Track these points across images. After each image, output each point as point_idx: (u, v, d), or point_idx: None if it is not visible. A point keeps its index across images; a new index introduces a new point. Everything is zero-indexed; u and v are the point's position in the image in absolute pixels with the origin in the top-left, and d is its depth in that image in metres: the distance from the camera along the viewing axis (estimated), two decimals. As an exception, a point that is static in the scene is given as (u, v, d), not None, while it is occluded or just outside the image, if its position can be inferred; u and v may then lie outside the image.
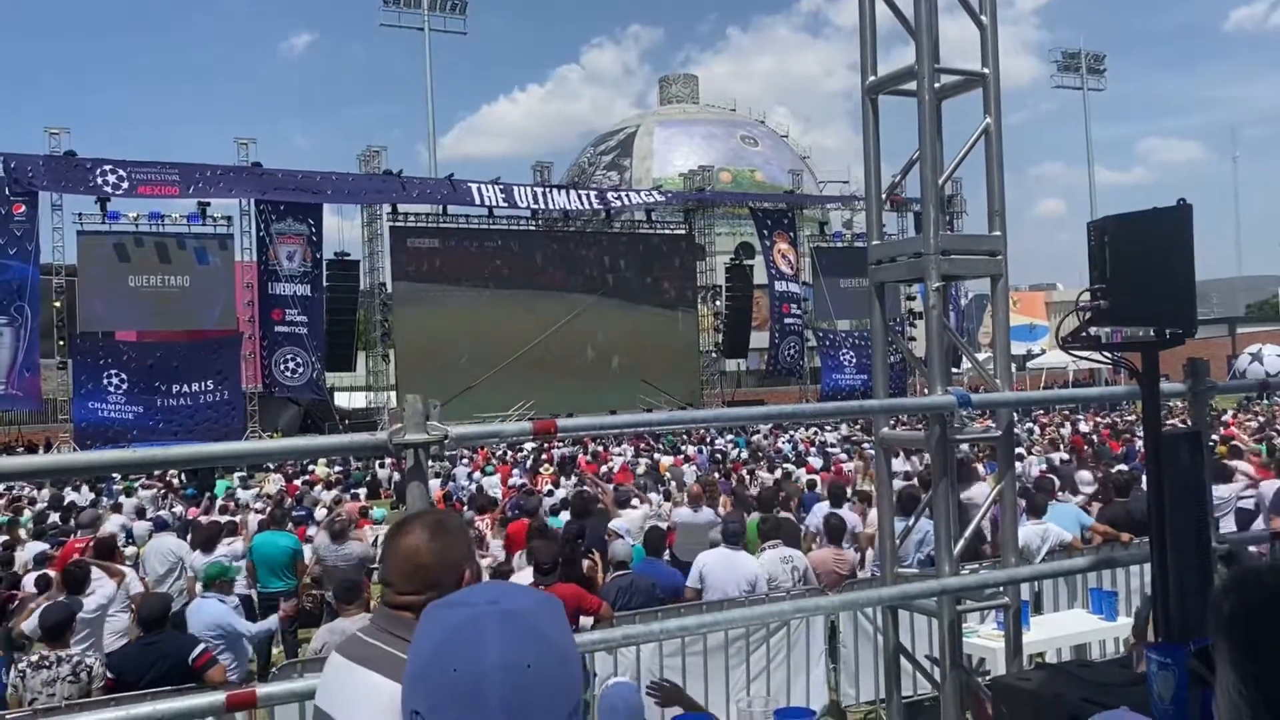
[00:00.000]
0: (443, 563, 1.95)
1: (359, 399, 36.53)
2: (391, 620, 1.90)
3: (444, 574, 1.94)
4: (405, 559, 1.96)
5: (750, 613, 3.65)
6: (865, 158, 3.58)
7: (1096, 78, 57.44)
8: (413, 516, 2.08)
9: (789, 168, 50.48)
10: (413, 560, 1.95)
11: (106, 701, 5.61)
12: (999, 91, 3.35)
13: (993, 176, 3.38)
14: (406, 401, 2.38)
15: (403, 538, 1.99)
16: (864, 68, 3.56)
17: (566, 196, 36.02)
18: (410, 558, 1.95)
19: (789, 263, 38.72)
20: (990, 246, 3.35)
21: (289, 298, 30.41)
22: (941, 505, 3.39)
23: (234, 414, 29.64)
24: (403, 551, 1.97)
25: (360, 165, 32.68)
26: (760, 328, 40.92)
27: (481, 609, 1.24)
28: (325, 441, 3.80)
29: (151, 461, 3.30)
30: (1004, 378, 3.49)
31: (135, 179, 28.28)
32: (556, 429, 2.58)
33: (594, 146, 77.98)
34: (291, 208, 30.49)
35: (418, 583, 1.92)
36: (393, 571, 1.98)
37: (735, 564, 7.80)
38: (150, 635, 6.10)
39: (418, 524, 2.00)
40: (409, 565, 1.95)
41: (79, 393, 28.35)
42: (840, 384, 37.76)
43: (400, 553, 1.98)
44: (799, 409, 10.45)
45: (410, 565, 1.94)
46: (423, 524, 2.00)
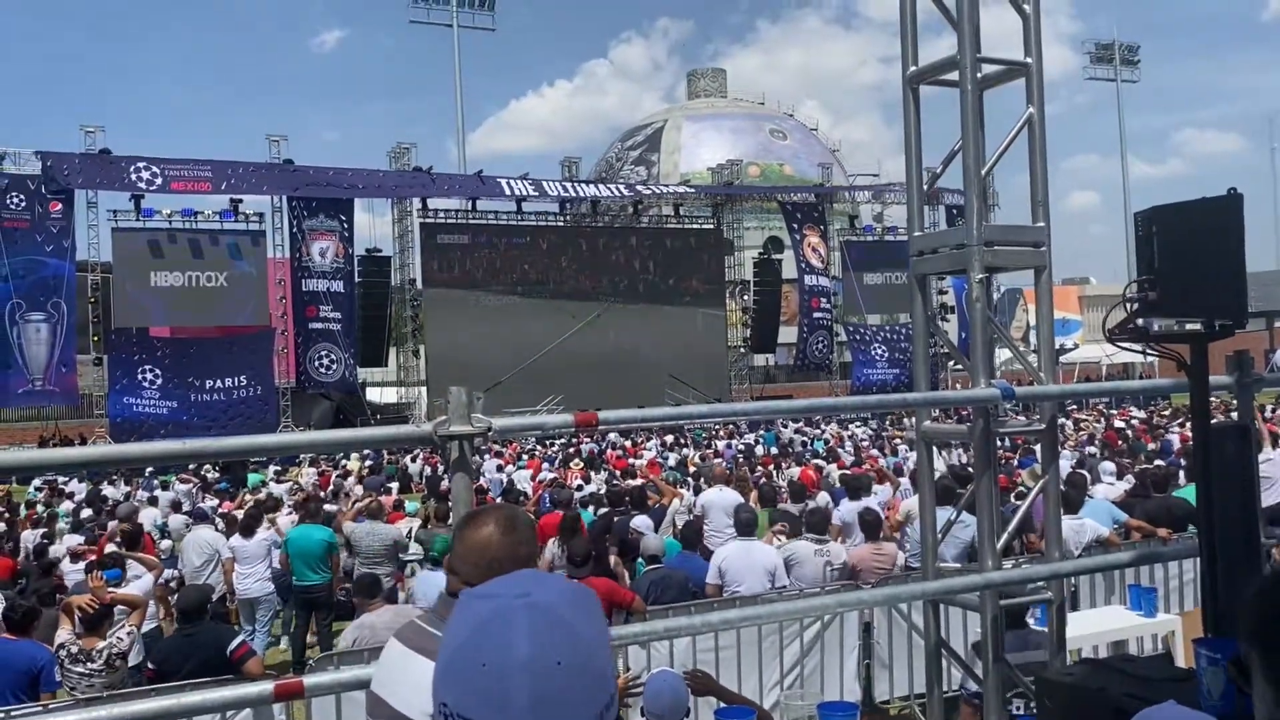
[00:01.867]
0: (514, 557, 1.98)
1: (390, 394, 36.74)
2: (451, 604, 1.94)
3: (514, 568, 1.95)
4: (477, 550, 2.00)
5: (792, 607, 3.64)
6: (906, 148, 3.54)
7: (1130, 69, 56.76)
8: (486, 510, 2.13)
9: (818, 161, 50.33)
10: (485, 553, 1.99)
11: (148, 691, 5.69)
12: (1042, 81, 3.31)
13: (1036, 167, 3.34)
14: (450, 393, 2.39)
15: (476, 529, 2.03)
16: (905, 57, 3.53)
17: (596, 189, 36.07)
18: (483, 550, 1.99)
19: (819, 256, 38.53)
20: (1034, 238, 3.32)
21: (322, 293, 30.63)
22: (985, 498, 3.36)
23: (267, 409, 29.90)
24: (475, 543, 2.01)
25: (390, 161, 32.85)
26: (789, 322, 40.76)
27: (510, 602, 1.22)
28: (370, 433, 3.82)
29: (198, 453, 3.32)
30: (1047, 371, 3.45)
31: (169, 175, 28.58)
32: (599, 421, 2.58)
33: (621, 141, 77.94)
34: (323, 204, 30.71)
35: (487, 575, 1.95)
36: (463, 561, 2.02)
37: (752, 554, 7.77)
38: (189, 626, 6.17)
39: (491, 517, 2.05)
40: (481, 557, 1.98)
41: (114, 388, 28.68)
42: (871, 379, 37.56)
43: (472, 544, 2.02)
44: (840, 402, 10.30)
45: (482, 557, 1.98)
46: (496, 518, 2.04)
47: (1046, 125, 3.41)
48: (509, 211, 34.61)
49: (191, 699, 2.20)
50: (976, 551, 4.61)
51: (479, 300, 33.21)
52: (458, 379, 15.29)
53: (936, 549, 3.78)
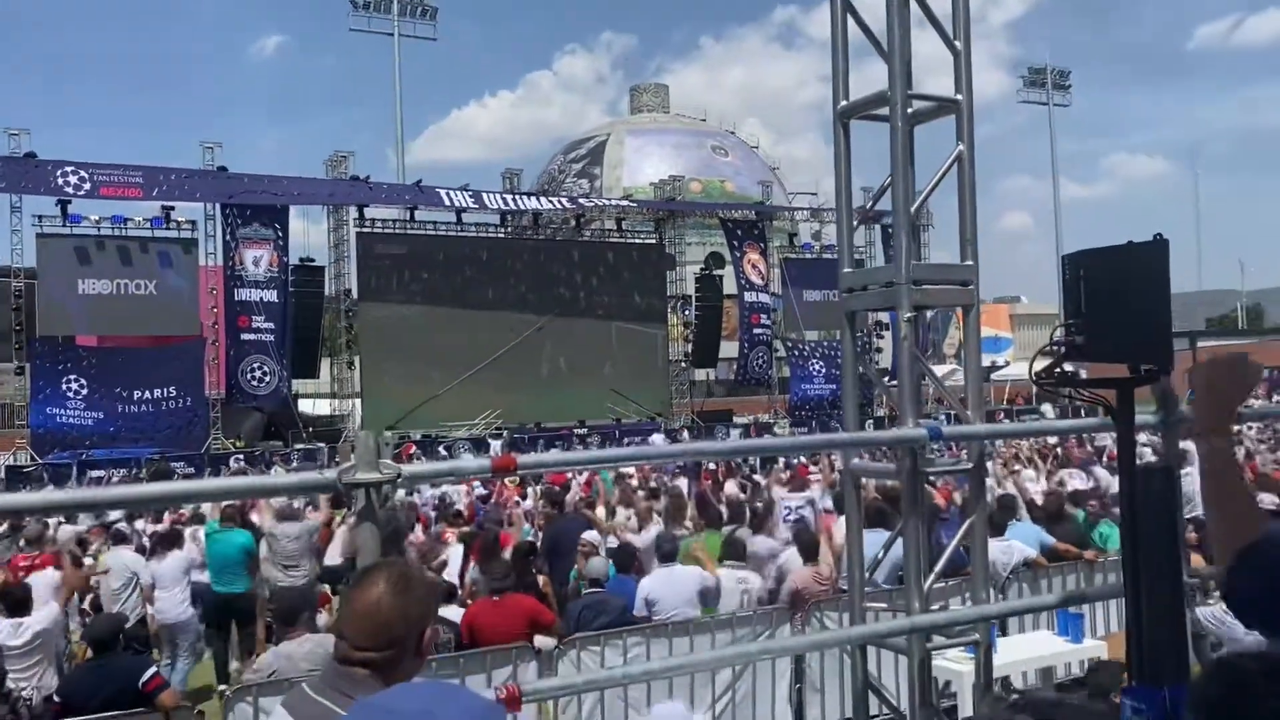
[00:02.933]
0: (405, 620, 1.86)
1: (324, 406, 36.13)
2: (343, 677, 1.81)
3: (406, 631, 1.85)
4: (365, 615, 1.86)
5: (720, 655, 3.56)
6: (836, 182, 3.52)
7: (1062, 93, 58.07)
8: (375, 568, 1.97)
9: (759, 178, 50.70)
10: (373, 617, 1.85)
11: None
12: (972, 118, 3.29)
13: (965, 205, 3.32)
14: (357, 438, 2.27)
15: (365, 590, 1.88)
16: (836, 92, 3.50)
17: (537, 201, 35.89)
18: (371, 614, 1.85)
19: (759, 273, 38.79)
20: (962, 276, 3.30)
21: (255, 303, 30.01)
22: (911, 539, 3.33)
23: (196, 421, 29.18)
24: (363, 607, 1.87)
25: (327, 170, 32.36)
26: (730, 338, 40.94)
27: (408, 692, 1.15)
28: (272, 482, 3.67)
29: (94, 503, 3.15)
30: (975, 409, 3.44)
31: (98, 180, 27.82)
32: (517, 466, 2.48)
33: (564, 154, 77.87)
34: (257, 212, 30.11)
35: (378, 639, 1.83)
36: (350, 626, 1.87)
37: (674, 580, 7.80)
38: (100, 657, 5.93)
39: (380, 577, 1.90)
40: (369, 622, 1.84)
41: (36, 398, 27.77)
42: (809, 394, 37.88)
43: (360, 607, 1.87)
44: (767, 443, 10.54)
45: (371, 622, 1.84)
46: (387, 577, 1.89)
47: (982, 148, 3.41)
48: (448, 222, 34.25)
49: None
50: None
51: (416, 312, 32.78)
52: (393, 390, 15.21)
53: (863, 588, 3.74)
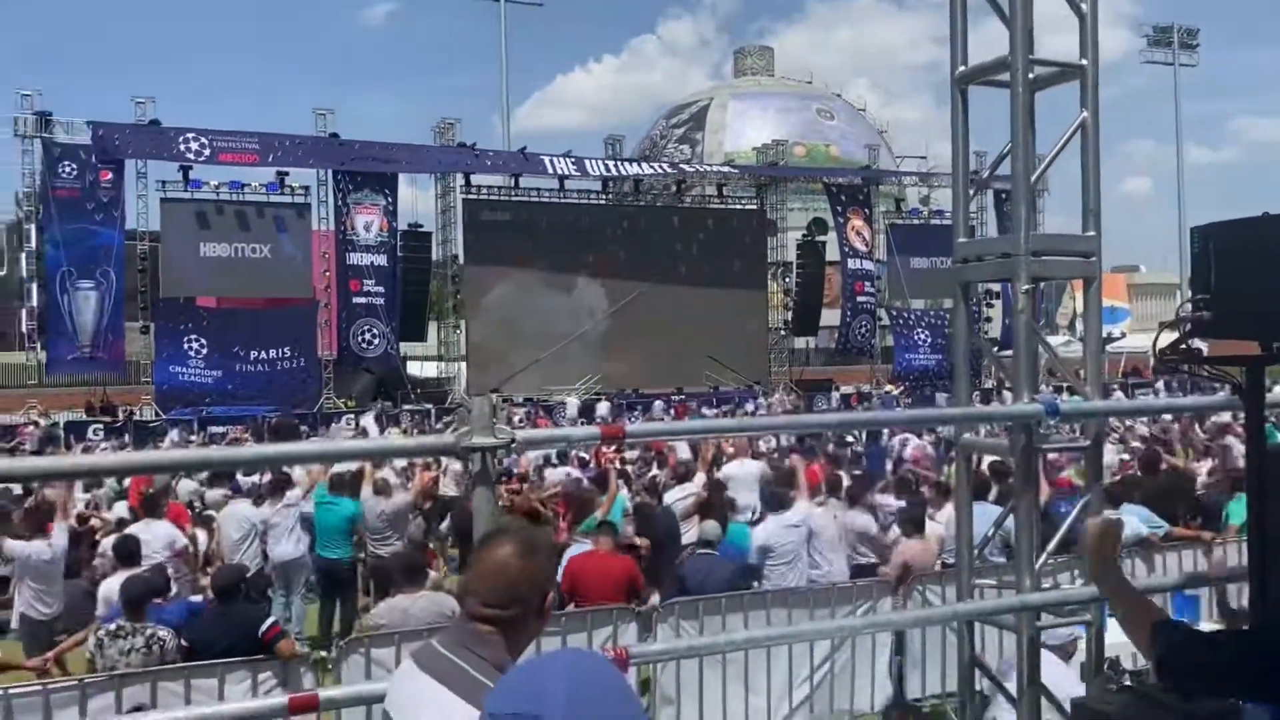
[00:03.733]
0: (530, 581, 1.97)
1: (430, 369, 36.94)
2: (472, 635, 1.92)
3: (530, 592, 1.97)
4: (493, 573, 1.98)
5: (821, 626, 3.55)
6: (953, 150, 3.42)
7: (1189, 53, 55.20)
8: (503, 531, 2.11)
9: (865, 142, 49.71)
10: (500, 576, 1.97)
11: (180, 671, 5.76)
12: (1097, 84, 3.17)
13: (1089, 174, 3.20)
14: (473, 404, 2.34)
15: (492, 551, 2.01)
16: (954, 58, 3.40)
17: (639, 167, 35.88)
18: (498, 573, 1.97)
19: (864, 240, 38.08)
20: (1084, 248, 3.19)
21: (365, 268, 30.80)
22: (1024, 516, 3.26)
23: (309, 381, 30.23)
24: (491, 566, 1.99)
25: (435, 137, 32.88)
26: (831, 305, 40.40)
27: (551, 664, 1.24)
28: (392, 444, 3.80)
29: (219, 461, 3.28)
30: (1094, 385, 3.34)
31: (217, 147, 28.81)
32: (626, 434, 2.52)
33: (666, 119, 77.47)
34: (368, 178, 30.84)
35: (504, 598, 1.95)
36: (479, 583, 1.99)
37: (786, 526, 7.92)
38: (223, 605, 6.24)
39: (509, 540, 2.02)
40: (496, 580, 1.96)
41: (160, 356, 29.12)
42: (914, 364, 37.18)
43: (488, 566, 1.99)
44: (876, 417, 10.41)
45: (497, 581, 1.96)
46: (514, 540, 2.02)
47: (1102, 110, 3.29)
48: (551, 189, 34.54)
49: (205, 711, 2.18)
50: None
51: (519, 277, 33.22)
52: (497, 354, 15.49)
53: (972, 564, 3.68)
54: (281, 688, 5.92)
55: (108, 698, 5.46)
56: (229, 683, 5.76)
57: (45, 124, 27.45)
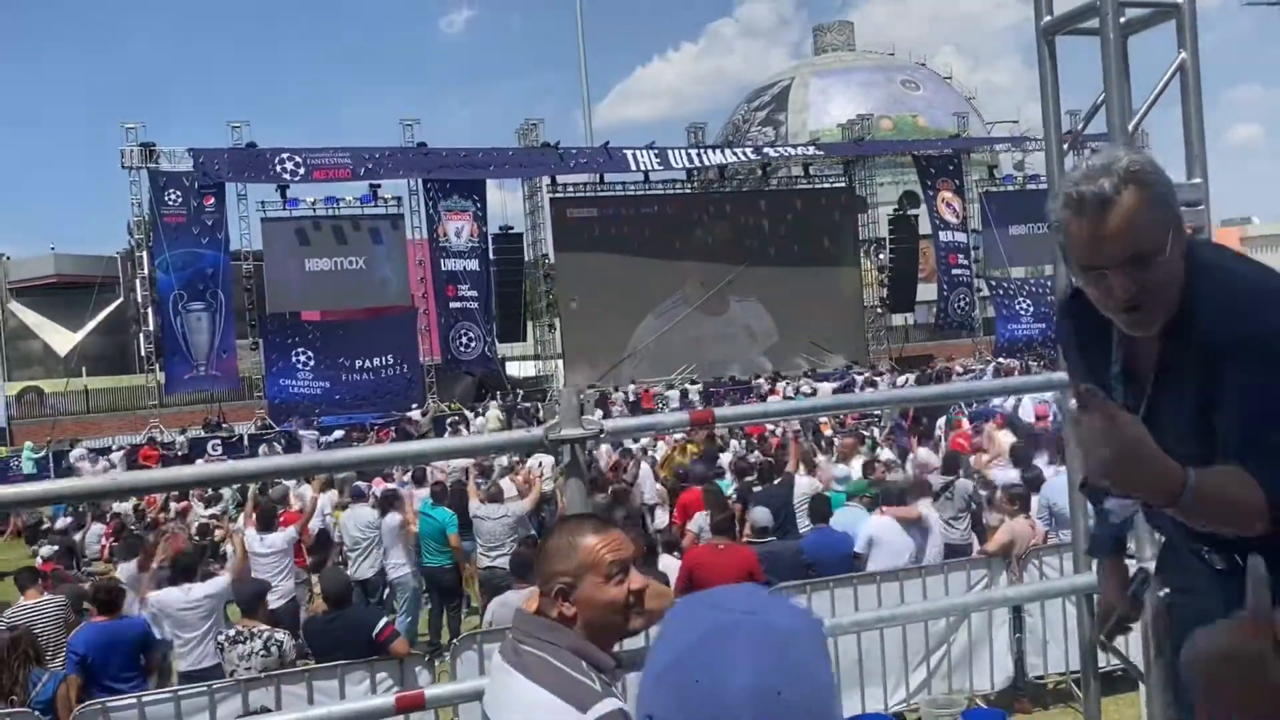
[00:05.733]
0: (555, 555, 1.90)
1: (529, 368, 37.44)
2: (538, 623, 1.87)
3: (556, 565, 1.89)
4: (538, 558, 1.94)
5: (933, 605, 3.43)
6: (1043, 106, 3.27)
7: (1296, -11, 52.44)
8: (573, 517, 2.05)
9: (954, 110, 48.40)
10: (539, 558, 1.93)
11: (302, 674, 5.93)
12: (1195, 22, 2.99)
13: (1190, 118, 3.02)
14: (561, 395, 2.32)
15: (552, 537, 1.97)
16: (1038, 7, 3.25)
17: (722, 155, 35.66)
18: (539, 557, 1.93)
19: (954, 211, 37.17)
20: (1190, 196, 3.01)
21: (459, 273, 31.37)
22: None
23: (413, 386, 30.96)
24: (539, 552, 1.96)
25: (519, 139, 33.25)
26: (927, 280, 39.57)
27: (737, 618, 1.11)
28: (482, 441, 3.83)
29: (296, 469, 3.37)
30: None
31: (310, 164, 29.68)
32: (715, 418, 2.47)
33: (748, 103, 76.75)
34: (457, 185, 31.38)
35: (541, 577, 1.90)
36: (566, 568, 1.94)
37: (903, 531, 7.67)
38: (335, 610, 6.40)
39: (566, 524, 1.97)
40: (539, 563, 1.92)
41: (270, 371, 30.17)
42: (1017, 334, 36.19)
43: (549, 552, 1.94)
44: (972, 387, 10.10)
45: (539, 563, 1.92)
46: (570, 523, 1.97)
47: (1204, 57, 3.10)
48: (636, 182, 34.63)
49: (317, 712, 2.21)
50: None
51: (610, 271, 33.38)
52: (593, 350, 15.50)
53: (1087, 533, 3.52)
54: (399, 687, 6.04)
55: (235, 702, 5.65)
56: (349, 683, 5.90)
57: (150, 154, 28.61)
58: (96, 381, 37.26)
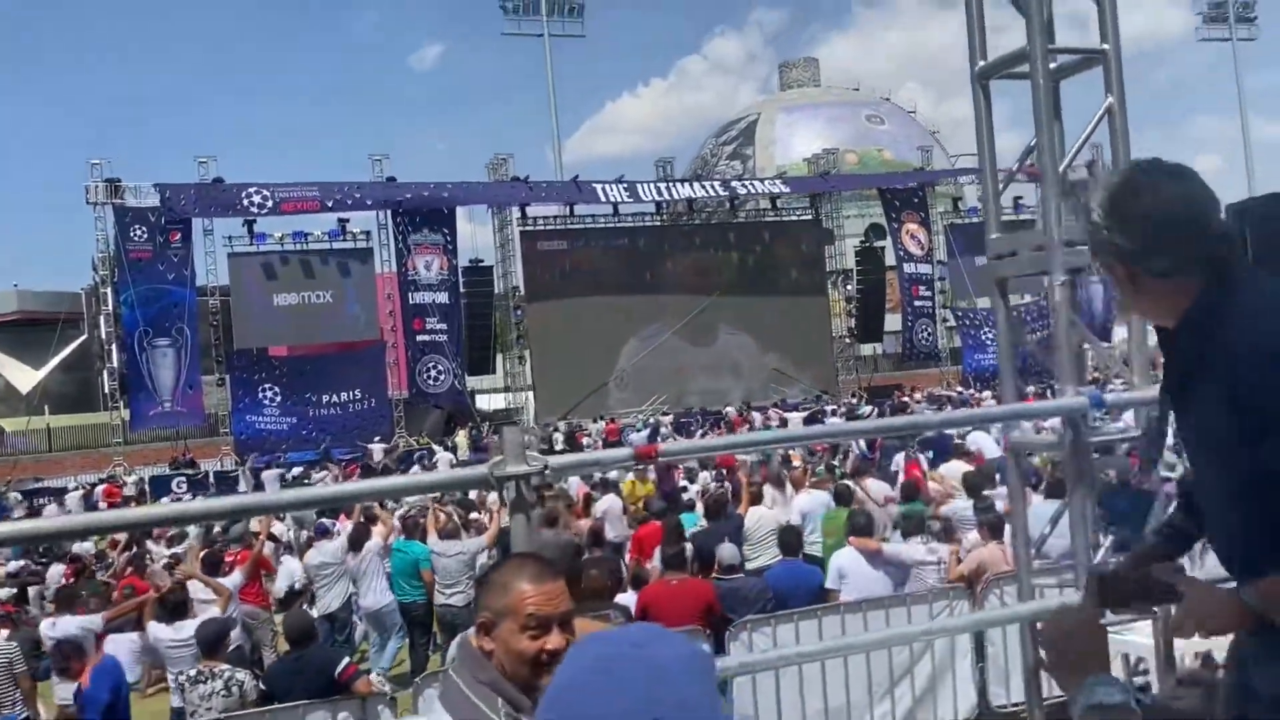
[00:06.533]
0: (483, 588, 1.95)
1: (499, 400, 37.33)
2: (472, 659, 1.89)
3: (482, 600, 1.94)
4: (515, 598, 1.91)
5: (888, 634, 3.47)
6: (979, 147, 3.39)
7: (1246, 25, 53.78)
8: (514, 556, 2.08)
9: (918, 144, 49.12)
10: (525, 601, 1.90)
11: (260, 715, 5.86)
12: (1120, 68, 3.10)
13: (1119, 158, 3.14)
14: (505, 433, 2.36)
15: (492, 572, 2.00)
16: (972, 53, 3.37)
17: (690, 188, 35.92)
18: (520, 598, 1.91)
19: (919, 243, 37.65)
20: (1119, 234, 3.12)
21: (428, 305, 31.31)
22: (1078, 512, 3.19)
23: (382, 420, 30.78)
24: (515, 591, 1.93)
25: (489, 173, 33.36)
26: (895, 310, 39.96)
27: (623, 650, 1.17)
28: (426, 479, 3.84)
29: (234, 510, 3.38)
30: (1141, 374, 3.25)
31: (278, 197, 29.60)
32: (658, 454, 2.53)
33: (715, 137, 77.52)
34: (426, 218, 31.39)
35: (528, 627, 1.88)
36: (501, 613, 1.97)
37: (871, 563, 7.66)
38: (297, 650, 6.35)
39: (519, 565, 1.99)
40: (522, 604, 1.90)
41: (237, 407, 29.90)
42: (983, 364, 36.49)
43: (512, 591, 1.93)
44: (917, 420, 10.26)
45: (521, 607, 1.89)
46: (514, 561, 2.00)
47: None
48: (606, 215, 34.81)
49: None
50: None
51: (580, 304, 33.45)
52: (562, 382, 15.45)
53: (1031, 563, 3.61)
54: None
55: (194, 743, 5.59)
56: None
57: (115, 190, 28.44)
58: (59, 420, 36.76)
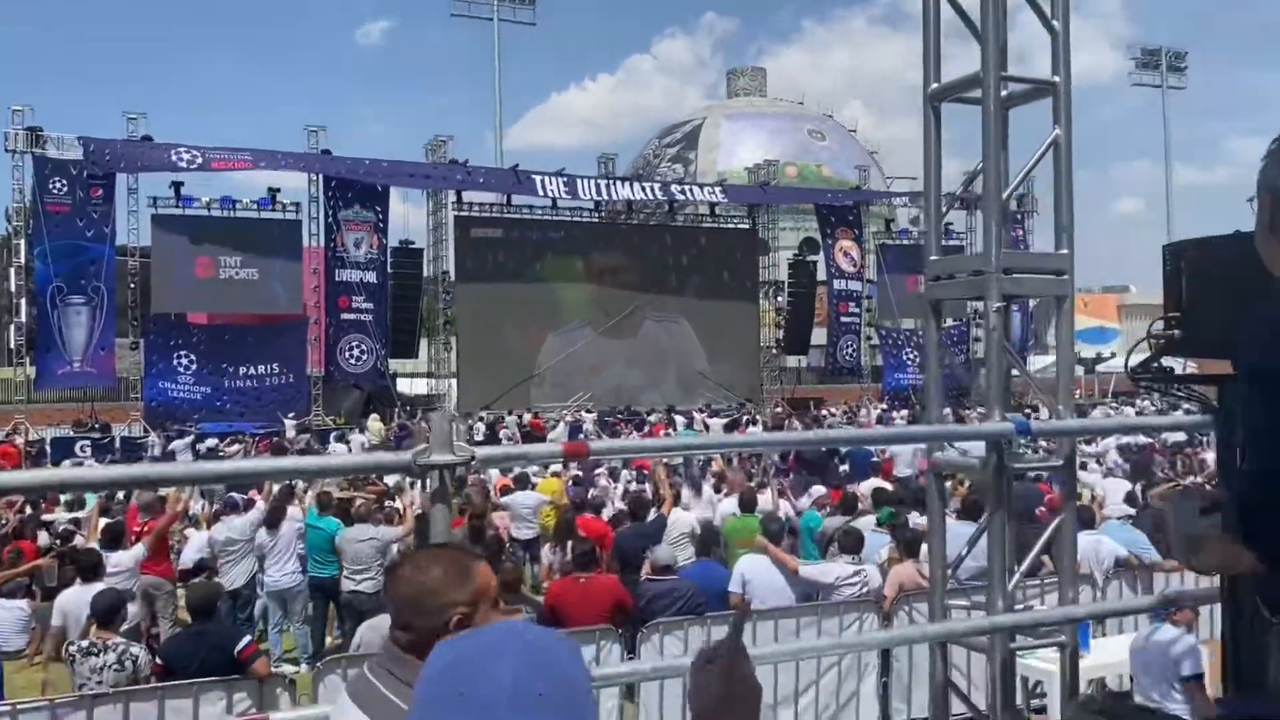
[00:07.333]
0: (436, 595, 1.84)
1: (421, 385, 36.87)
2: (391, 657, 1.82)
3: (437, 606, 1.84)
4: (401, 591, 1.87)
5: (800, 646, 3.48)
6: (925, 168, 3.41)
7: (1177, 75, 55.56)
8: (429, 549, 2.02)
9: (856, 163, 49.88)
10: (407, 593, 1.86)
11: (154, 691, 5.68)
12: (1070, 101, 3.15)
13: (1061, 191, 3.18)
14: (431, 420, 2.29)
15: (401, 568, 1.93)
16: (926, 74, 3.39)
17: (630, 189, 35.87)
18: (404, 590, 1.86)
19: (851, 260, 38.20)
20: (1057, 265, 3.16)
21: (355, 284, 30.76)
22: (996, 537, 3.23)
23: (298, 397, 30.13)
24: (400, 584, 1.88)
25: (427, 154, 32.90)
26: (822, 324, 40.50)
27: (499, 636, 1.17)
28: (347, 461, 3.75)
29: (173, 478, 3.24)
30: (1066, 403, 3.31)
31: (209, 158, 28.81)
32: (589, 453, 2.48)
33: (659, 138, 77.76)
34: (359, 194, 30.82)
35: (412, 616, 1.83)
36: (393, 604, 1.89)
37: (775, 566, 7.70)
38: (199, 624, 6.17)
39: (419, 556, 1.95)
40: (405, 598, 1.85)
41: (150, 372, 29.00)
42: (902, 383, 37.24)
43: (398, 585, 1.88)
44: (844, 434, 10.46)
45: (406, 598, 1.85)
46: (415, 556, 1.96)
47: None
48: (544, 206, 34.60)
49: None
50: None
51: (511, 294, 33.20)
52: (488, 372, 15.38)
53: (945, 584, 3.65)
54: (256, 708, 5.85)
55: (79, 717, 5.38)
56: (204, 703, 5.68)
57: (36, 139, 27.34)
58: (-41, 372, 35.30)
